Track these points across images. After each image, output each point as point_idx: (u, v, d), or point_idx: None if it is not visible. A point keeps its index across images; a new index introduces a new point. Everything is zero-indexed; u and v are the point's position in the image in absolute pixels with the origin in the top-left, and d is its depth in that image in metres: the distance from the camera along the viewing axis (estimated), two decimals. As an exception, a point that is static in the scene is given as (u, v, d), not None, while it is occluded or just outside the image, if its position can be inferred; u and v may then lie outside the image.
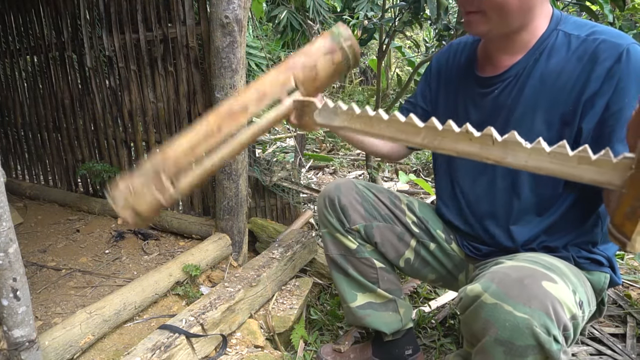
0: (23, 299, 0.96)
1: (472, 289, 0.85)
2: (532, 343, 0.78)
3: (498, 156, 0.69)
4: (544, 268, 0.84)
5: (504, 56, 1.03)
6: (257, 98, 0.96)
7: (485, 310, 0.82)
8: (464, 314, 0.89)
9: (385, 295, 1.31)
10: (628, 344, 1.47)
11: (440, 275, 1.30)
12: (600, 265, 1.02)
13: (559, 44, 0.96)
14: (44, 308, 1.52)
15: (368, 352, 1.42)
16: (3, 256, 0.92)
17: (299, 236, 1.89)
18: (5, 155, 2.97)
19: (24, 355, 1.00)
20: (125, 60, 2.08)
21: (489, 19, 0.96)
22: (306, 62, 0.98)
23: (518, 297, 0.78)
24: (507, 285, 0.80)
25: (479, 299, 0.83)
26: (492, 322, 0.81)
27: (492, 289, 0.82)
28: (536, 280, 0.80)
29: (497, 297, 0.80)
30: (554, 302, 0.78)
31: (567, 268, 0.91)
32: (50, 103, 2.56)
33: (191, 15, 1.83)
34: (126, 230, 2.12)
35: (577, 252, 1.02)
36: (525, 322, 0.77)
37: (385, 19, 2.71)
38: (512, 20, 0.96)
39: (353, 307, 1.31)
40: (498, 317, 0.80)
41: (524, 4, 0.93)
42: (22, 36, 2.58)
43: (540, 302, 0.77)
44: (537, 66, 0.98)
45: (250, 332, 1.44)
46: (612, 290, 1.78)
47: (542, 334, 0.77)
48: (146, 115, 2.10)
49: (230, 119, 0.95)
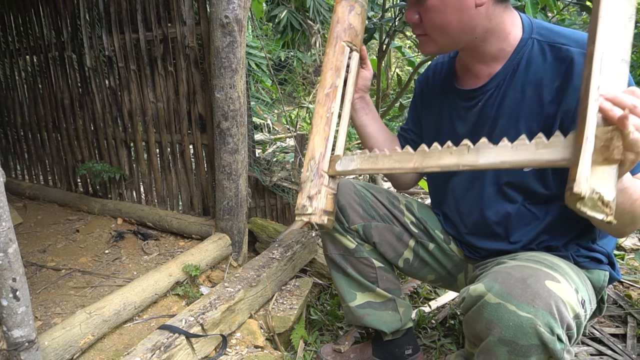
0: (23, 299, 0.96)
1: (475, 289, 0.85)
2: (536, 342, 0.78)
3: (472, 160, 0.83)
4: (547, 267, 0.84)
5: (481, 66, 1.04)
6: (335, 73, 1.18)
7: (488, 310, 0.82)
8: (467, 314, 0.89)
9: (384, 295, 1.31)
10: (628, 344, 1.47)
11: (440, 276, 1.30)
12: (600, 263, 1.02)
13: (535, 54, 0.97)
14: (44, 308, 1.52)
15: (368, 351, 1.42)
16: (2, 256, 0.91)
17: (299, 236, 1.89)
18: (5, 155, 2.97)
19: (24, 356, 1.00)
20: (125, 60, 2.08)
21: (435, 40, 1.01)
22: (344, 27, 1.19)
23: (521, 297, 0.79)
24: (510, 284, 0.81)
25: (482, 298, 0.83)
26: (495, 322, 0.81)
27: (495, 288, 0.82)
28: (539, 279, 0.80)
29: (501, 297, 0.80)
30: (557, 302, 0.78)
31: (568, 267, 0.91)
32: (50, 103, 2.56)
33: (191, 15, 1.83)
34: (126, 230, 2.12)
35: (577, 251, 1.02)
36: (529, 321, 0.77)
37: (386, 19, 2.71)
38: (458, 39, 0.99)
39: (352, 306, 1.32)
40: (502, 316, 0.80)
41: (465, 23, 0.95)
42: (21, 36, 2.58)
43: (544, 302, 0.77)
44: (517, 76, 0.99)
45: (250, 332, 1.44)
46: (612, 290, 1.77)
47: (546, 334, 0.77)
48: (146, 115, 2.10)
49: (330, 100, 1.17)
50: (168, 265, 1.62)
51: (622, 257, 2.04)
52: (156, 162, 2.17)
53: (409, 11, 1.01)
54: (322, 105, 1.16)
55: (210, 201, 2.02)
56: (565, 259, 0.98)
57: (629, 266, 1.98)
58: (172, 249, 1.96)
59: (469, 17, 0.95)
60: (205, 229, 1.93)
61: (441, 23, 0.97)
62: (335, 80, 1.18)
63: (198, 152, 1.99)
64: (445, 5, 0.95)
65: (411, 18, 1.01)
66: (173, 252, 1.92)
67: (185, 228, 2.02)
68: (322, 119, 1.16)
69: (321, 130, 1.15)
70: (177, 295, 1.59)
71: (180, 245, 2.00)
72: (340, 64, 1.18)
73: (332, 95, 1.17)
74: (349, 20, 1.20)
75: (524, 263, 0.86)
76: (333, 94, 1.17)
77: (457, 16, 0.95)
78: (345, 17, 1.20)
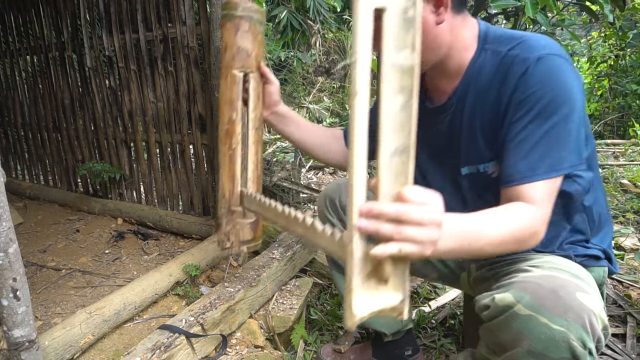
0: (23, 299, 0.96)
1: (502, 299, 0.83)
2: (567, 356, 0.77)
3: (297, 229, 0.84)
4: (574, 277, 0.83)
5: (444, 80, 1.04)
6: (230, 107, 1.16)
7: (518, 322, 0.80)
8: (491, 322, 0.87)
9: None
10: (628, 344, 1.47)
11: (442, 274, 1.29)
12: (598, 259, 1.01)
13: (486, 64, 0.96)
14: (44, 308, 1.52)
15: (368, 352, 1.42)
16: (3, 256, 0.91)
17: (299, 236, 1.89)
18: (5, 155, 2.97)
19: (24, 356, 1.00)
20: (125, 60, 2.08)
21: None
22: (233, 53, 1.14)
23: (554, 309, 0.77)
24: (541, 296, 0.79)
25: (511, 309, 0.81)
26: (526, 334, 0.79)
27: (525, 299, 0.80)
28: (571, 291, 0.79)
29: (532, 309, 0.79)
30: (590, 315, 0.77)
31: (584, 273, 0.89)
32: (50, 103, 2.56)
33: (191, 15, 1.83)
34: (126, 230, 2.12)
35: (575, 250, 1.01)
36: (562, 335, 0.76)
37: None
38: (426, 60, 0.97)
39: None
40: (533, 328, 0.78)
41: (430, 43, 0.94)
42: (22, 36, 2.58)
43: (576, 315, 0.76)
44: (471, 89, 0.99)
45: (250, 332, 1.44)
46: (612, 290, 1.77)
47: (579, 347, 0.76)
48: (146, 115, 2.10)
49: (229, 136, 1.17)
50: (168, 265, 1.62)
51: (622, 257, 2.04)
52: (156, 162, 2.17)
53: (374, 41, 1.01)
54: (224, 144, 1.17)
55: (210, 201, 2.02)
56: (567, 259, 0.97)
57: (629, 266, 1.98)
58: (172, 248, 1.96)
59: (432, 36, 0.95)
60: (205, 229, 1.93)
61: None
62: (232, 114, 1.16)
63: (198, 152, 1.99)
64: None
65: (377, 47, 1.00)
66: (173, 252, 1.92)
67: (185, 228, 2.02)
68: (226, 156, 1.18)
69: (227, 169, 1.18)
70: (177, 295, 1.59)
71: (180, 245, 2.00)
72: (234, 95, 1.14)
73: (230, 131, 1.16)
74: (237, 43, 1.13)
75: (551, 272, 0.84)
76: (231, 129, 1.16)
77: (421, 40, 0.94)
78: (233, 41, 1.13)
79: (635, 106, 5.20)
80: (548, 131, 0.85)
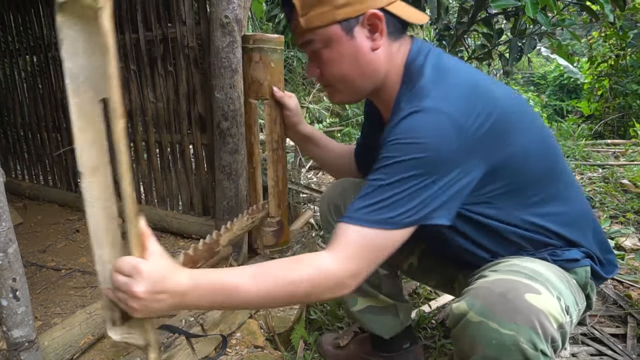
0: (22, 299, 0.96)
1: (457, 307, 0.84)
2: (520, 359, 0.77)
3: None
4: (527, 278, 0.83)
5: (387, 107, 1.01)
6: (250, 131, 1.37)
7: (471, 329, 0.81)
8: (452, 330, 0.88)
9: (386, 301, 1.31)
10: (628, 344, 1.47)
11: (438, 282, 1.31)
12: (577, 261, 0.98)
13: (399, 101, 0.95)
14: (44, 308, 1.52)
15: (368, 344, 1.43)
16: (2, 256, 0.91)
17: (299, 236, 1.89)
18: (5, 155, 2.97)
19: (24, 356, 1.00)
20: (124, 60, 2.08)
21: (341, 90, 0.99)
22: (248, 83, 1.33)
23: (502, 314, 0.77)
24: (490, 301, 0.79)
25: (464, 317, 0.82)
26: (478, 341, 0.80)
27: (476, 306, 0.80)
28: (519, 294, 0.78)
29: (482, 315, 0.79)
30: (539, 315, 0.77)
31: (550, 271, 0.89)
32: (50, 103, 2.56)
33: (191, 15, 1.82)
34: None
35: (552, 255, 0.97)
36: (511, 339, 0.76)
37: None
38: (362, 86, 0.97)
39: (353, 311, 1.32)
40: (484, 335, 0.79)
41: (364, 70, 0.93)
42: (21, 36, 2.58)
43: (525, 317, 0.76)
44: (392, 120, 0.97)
45: (250, 332, 1.44)
46: (612, 290, 1.77)
47: (529, 350, 0.76)
48: (146, 115, 2.10)
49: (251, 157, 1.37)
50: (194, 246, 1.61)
51: (622, 257, 2.04)
52: (156, 162, 2.17)
53: (310, 66, 0.99)
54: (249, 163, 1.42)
55: (210, 201, 2.02)
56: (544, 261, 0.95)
57: (629, 266, 1.98)
58: (172, 249, 1.96)
59: (367, 62, 0.93)
60: (205, 229, 1.93)
61: (341, 75, 0.95)
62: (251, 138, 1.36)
63: (198, 152, 1.99)
64: (342, 56, 0.92)
65: (313, 73, 0.99)
66: (173, 252, 1.92)
67: (185, 228, 2.02)
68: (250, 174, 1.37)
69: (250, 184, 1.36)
70: (177, 295, 1.59)
71: (180, 245, 2.00)
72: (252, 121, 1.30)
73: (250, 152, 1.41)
74: (251, 73, 1.23)
75: (504, 276, 0.84)
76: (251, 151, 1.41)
77: (355, 65, 0.93)
78: (247, 72, 1.24)
79: (636, 106, 5.20)
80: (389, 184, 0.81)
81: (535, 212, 0.94)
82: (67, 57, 0.68)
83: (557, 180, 0.97)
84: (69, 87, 0.69)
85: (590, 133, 5.21)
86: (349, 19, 0.89)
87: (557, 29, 2.60)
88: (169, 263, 0.78)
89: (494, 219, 0.94)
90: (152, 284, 0.73)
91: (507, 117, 0.86)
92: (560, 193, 0.97)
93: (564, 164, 1.00)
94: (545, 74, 8.69)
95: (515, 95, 0.95)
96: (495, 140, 0.85)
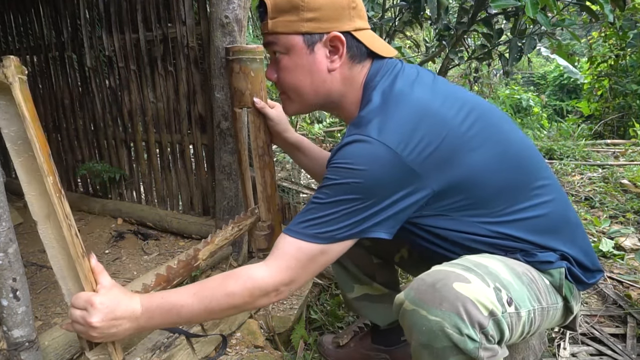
0: (23, 299, 0.96)
1: (397, 297, 0.88)
2: (448, 344, 0.80)
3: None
4: (463, 269, 0.85)
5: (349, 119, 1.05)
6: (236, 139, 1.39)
7: (406, 317, 0.85)
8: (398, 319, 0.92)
9: (381, 289, 1.35)
10: (628, 344, 1.47)
11: None
12: (551, 263, 0.98)
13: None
14: (44, 308, 1.52)
15: (368, 340, 1.46)
16: (3, 256, 0.91)
17: (299, 236, 1.89)
18: (5, 155, 2.97)
19: (24, 356, 1.00)
20: (125, 60, 2.08)
21: (293, 100, 1.03)
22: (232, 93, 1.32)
23: (431, 302, 0.81)
24: (422, 291, 0.83)
25: (401, 307, 0.86)
26: (412, 328, 0.84)
27: (410, 296, 0.85)
28: (448, 282, 0.82)
29: (415, 304, 0.83)
30: (464, 302, 0.79)
31: (505, 267, 0.89)
32: (50, 103, 2.56)
33: (191, 15, 1.83)
34: (126, 230, 2.12)
35: (525, 255, 0.98)
36: (437, 324, 0.80)
37: (386, 19, 2.71)
38: (312, 101, 1.00)
39: (350, 298, 1.38)
40: (416, 322, 0.83)
41: (317, 86, 0.97)
42: (22, 36, 2.58)
43: (450, 304, 0.79)
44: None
45: (250, 332, 1.44)
46: (612, 290, 1.77)
47: (454, 334, 0.79)
48: (146, 115, 2.10)
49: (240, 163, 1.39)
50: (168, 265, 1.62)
51: (622, 257, 2.04)
52: (156, 162, 2.17)
53: (269, 69, 1.03)
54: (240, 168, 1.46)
55: (210, 201, 2.02)
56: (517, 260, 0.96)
57: (629, 266, 1.98)
58: (172, 249, 1.96)
59: (321, 80, 0.96)
60: (206, 229, 1.93)
61: (293, 84, 0.99)
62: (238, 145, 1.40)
63: (198, 152, 1.99)
64: (297, 66, 0.96)
65: (270, 75, 1.03)
66: (173, 252, 1.92)
67: (185, 228, 2.02)
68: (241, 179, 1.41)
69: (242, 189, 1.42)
70: (177, 295, 1.59)
71: (180, 245, 2.00)
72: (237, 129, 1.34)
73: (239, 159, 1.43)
74: (233, 84, 1.27)
75: (442, 267, 0.88)
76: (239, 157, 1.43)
77: (308, 79, 0.97)
78: (230, 82, 1.28)
79: (636, 106, 5.20)
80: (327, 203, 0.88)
81: (502, 221, 0.96)
82: (3, 125, 0.81)
83: (526, 189, 0.97)
84: (10, 148, 0.82)
85: (590, 133, 5.21)
86: (313, 33, 0.93)
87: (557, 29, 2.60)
88: (120, 292, 0.89)
89: (451, 230, 0.96)
90: (105, 313, 0.84)
91: (456, 139, 0.89)
92: (531, 201, 0.97)
93: (538, 171, 0.99)
94: (545, 74, 8.68)
95: (477, 112, 0.93)
96: (441, 164, 0.88)
